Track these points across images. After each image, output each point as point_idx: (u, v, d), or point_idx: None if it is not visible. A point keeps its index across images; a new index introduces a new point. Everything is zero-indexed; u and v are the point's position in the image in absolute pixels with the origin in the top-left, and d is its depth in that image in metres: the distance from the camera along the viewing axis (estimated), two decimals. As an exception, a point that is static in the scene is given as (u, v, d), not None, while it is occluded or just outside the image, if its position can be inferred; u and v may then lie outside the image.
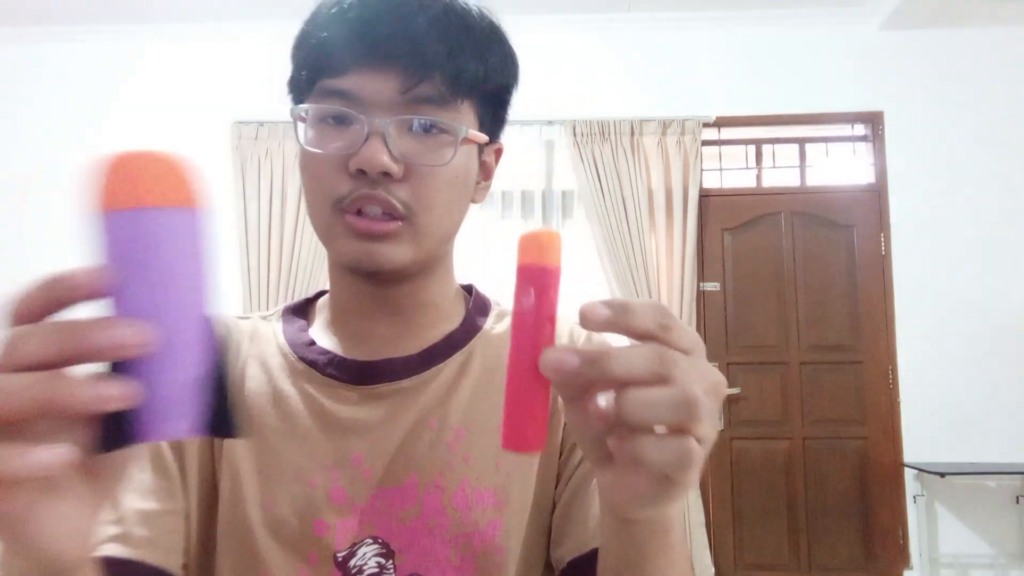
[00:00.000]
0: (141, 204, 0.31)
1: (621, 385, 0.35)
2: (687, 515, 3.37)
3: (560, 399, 0.39)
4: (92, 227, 0.32)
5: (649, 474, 0.36)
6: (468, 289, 0.74)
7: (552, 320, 0.35)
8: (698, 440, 0.34)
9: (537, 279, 0.35)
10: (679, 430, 0.34)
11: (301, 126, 0.61)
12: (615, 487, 0.39)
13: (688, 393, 0.33)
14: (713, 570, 3.39)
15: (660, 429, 0.35)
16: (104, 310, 0.32)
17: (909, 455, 3.48)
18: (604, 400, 0.34)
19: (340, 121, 0.58)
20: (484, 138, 0.63)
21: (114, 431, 0.32)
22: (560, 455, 0.65)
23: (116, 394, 0.31)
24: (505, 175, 4.03)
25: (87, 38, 3.94)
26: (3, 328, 0.32)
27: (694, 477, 0.35)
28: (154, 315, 0.31)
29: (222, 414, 0.34)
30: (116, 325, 0.31)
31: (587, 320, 0.34)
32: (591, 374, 0.33)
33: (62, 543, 0.34)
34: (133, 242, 0.31)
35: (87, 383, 0.30)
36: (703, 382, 0.35)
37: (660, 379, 0.34)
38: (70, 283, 0.31)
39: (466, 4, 0.60)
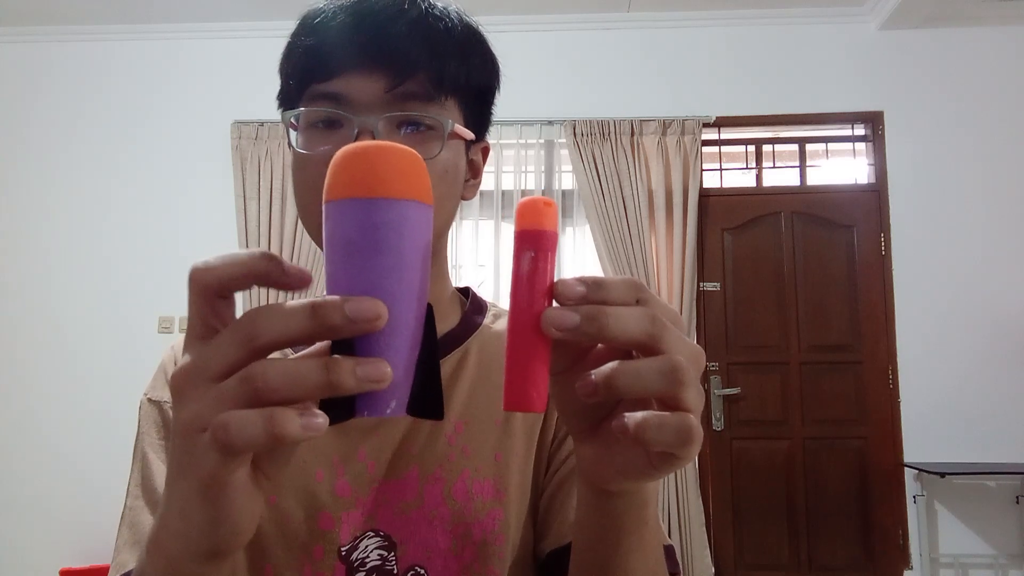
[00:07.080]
0: (385, 194, 0.33)
1: (615, 349, 0.36)
2: (688, 512, 3.37)
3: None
4: (333, 213, 0.34)
5: (648, 450, 0.37)
6: (464, 293, 0.76)
7: (550, 281, 0.36)
8: (689, 410, 0.35)
9: (535, 242, 0.36)
10: (669, 400, 0.35)
11: (293, 133, 0.62)
12: (598, 460, 0.40)
13: (675, 361, 0.34)
14: (713, 570, 3.39)
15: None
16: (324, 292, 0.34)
17: (909, 455, 3.48)
18: (593, 375, 0.35)
19: (329, 125, 0.59)
20: (470, 134, 0.63)
21: (335, 406, 0.33)
22: (551, 445, 0.67)
23: (378, 376, 0.31)
24: (505, 175, 3.99)
25: (87, 38, 3.95)
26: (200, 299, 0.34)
27: (695, 452, 0.35)
28: (384, 297, 0.33)
29: (431, 396, 0.35)
30: (355, 301, 0.31)
31: (562, 297, 0.35)
32: (590, 331, 0.34)
33: (245, 522, 0.35)
34: (374, 229, 0.33)
35: (355, 366, 0.31)
36: (687, 351, 0.36)
37: (651, 339, 0.35)
38: (273, 268, 0.33)
39: (445, 8, 0.62)
